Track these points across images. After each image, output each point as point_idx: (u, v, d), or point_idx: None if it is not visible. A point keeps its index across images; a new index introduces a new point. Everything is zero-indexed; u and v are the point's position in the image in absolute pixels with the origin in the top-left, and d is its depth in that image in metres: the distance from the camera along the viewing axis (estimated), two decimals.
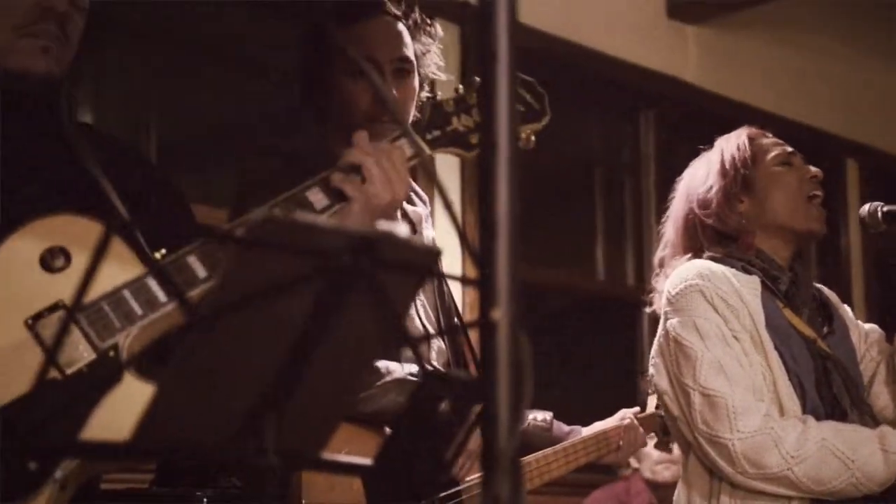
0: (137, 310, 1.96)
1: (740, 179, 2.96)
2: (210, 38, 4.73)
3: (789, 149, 3.05)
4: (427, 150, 2.23)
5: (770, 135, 3.09)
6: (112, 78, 4.40)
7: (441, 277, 2.72)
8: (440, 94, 2.33)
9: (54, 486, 1.89)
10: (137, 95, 4.46)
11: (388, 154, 2.18)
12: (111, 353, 1.94)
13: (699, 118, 5.87)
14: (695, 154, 3.14)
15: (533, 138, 2.37)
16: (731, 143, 3.01)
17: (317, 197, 2.13)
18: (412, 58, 2.71)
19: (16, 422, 1.88)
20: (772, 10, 5.97)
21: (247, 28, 4.79)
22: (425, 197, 2.90)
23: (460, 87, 2.31)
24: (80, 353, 1.93)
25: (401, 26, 2.72)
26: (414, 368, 2.59)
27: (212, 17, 4.71)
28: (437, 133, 2.24)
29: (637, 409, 3.47)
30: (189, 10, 4.62)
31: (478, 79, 2.24)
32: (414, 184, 2.88)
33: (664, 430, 3.43)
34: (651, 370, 2.98)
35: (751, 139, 3.02)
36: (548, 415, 3.30)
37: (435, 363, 2.65)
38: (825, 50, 6.55)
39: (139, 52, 4.51)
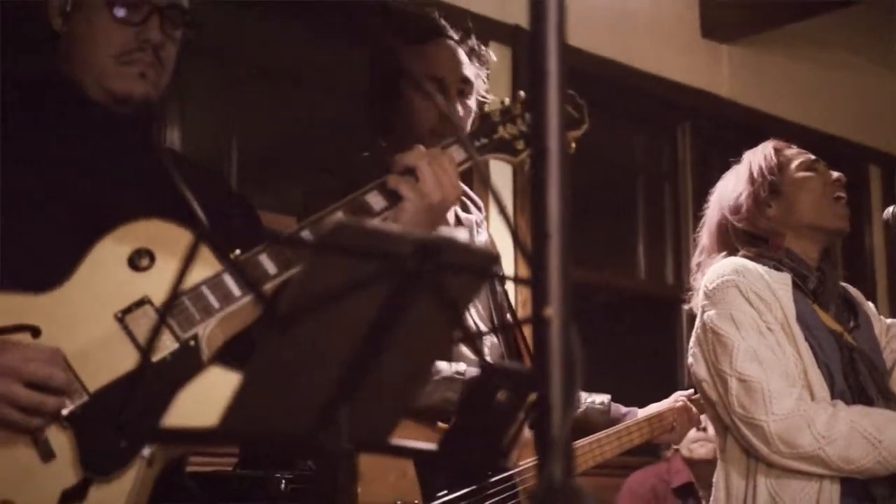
0: (215, 303, 1.99)
1: (768, 185, 2.95)
2: (283, 63, 4.76)
3: (813, 157, 3.04)
4: (476, 155, 2.23)
5: (794, 146, 3.08)
6: (197, 100, 4.43)
7: (499, 279, 2.72)
8: (487, 106, 2.31)
9: (142, 462, 1.92)
10: (219, 115, 4.49)
11: (439, 157, 2.18)
12: (192, 343, 1.97)
13: (732, 129, 5.83)
14: (728, 162, 3.13)
15: (574, 144, 2.37)
16: (758, 154, 3.01)
17: (375, 199, 2.14)
18: (472, 79, 2.72)
19: (109, 405, 1.91)
20: (798, 30, 5.93)
21: (316, 52, 4.82)
22: (480, 203, 2.90)
23: (506, 99, 2.32)
24: (164, 343, 1.95)
25: (461, 50, 2.74)
26: (461, 367, 2.59)
27: (284, 44, 4.74)
28: (485, 141, 2.25)
29: (690, 391, 3.45)
30: (264, 38, 4.66)
31: (522, 92, 2.26)
32: (469, 191, 2.88)
33: None
34: (690, 359, 2.97)
35: (776, 150, 3.01)
36: (606, 397, 3.29)
37: (487, 357, 2.64)
38: (848, 65, 6.49)
39: (221, 76, 4.54)
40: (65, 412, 1.90)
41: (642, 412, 3.36)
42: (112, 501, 1.89)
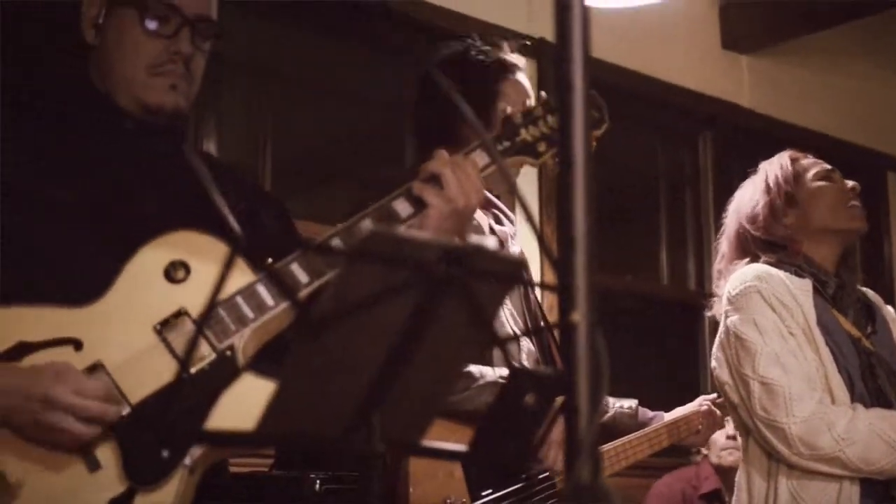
0: (249, 314, 1.98)
1: (784, 195, 2.95)
2: (316, 74, 4.78)
3: (828, 166, 3.02)
4: (500, 158, 2.20)
5: (810, 156, 3.07)
6: (233, 109, 4.45)
7: (527, 284, 2.71)
8: (509, 110, 2.28)
9: (184, 470, 1.91)
10: (254, 126, 4.51)
11: (462, 163, 2.16)
12: (228, 353, 1.96)
13: (752, 138, 5.81)
14: (748, 170, 3.12)
15: (595, 143, 2.36)
16: (774, 164, 3.00)
17: (402, 206, 2.12)
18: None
19: (151, 416, 1.91)
20: (816, 40, 5.90)
21: (348, 64, 4.83)
22: (513, 217, 2.90)
23: (526, 101, 2.30)
24: (202, 353, 1.95)
25: (525, 80, 2.76)
26: (505, 372, 2.59)
27: (318, 56, 4.76)
28: (507, 144, 2.21)
29: (714, 395, 3.44)
30: (298, 50, 4.67)
31: (543, 93, 2.25)
32: (501, 204, 2.87)
33: None
34: (713, 363, 2.97)
35: (792, 160, 3.01)
36: (633, 402, 3.29)
37: (525, 362, 2.64)
38: (866, 74, 6.46)
39: (256, 87, 4.56)
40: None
41: (668, 416, 3.36)
42: None
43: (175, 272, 1.98)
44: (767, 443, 2.78)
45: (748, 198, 3.01)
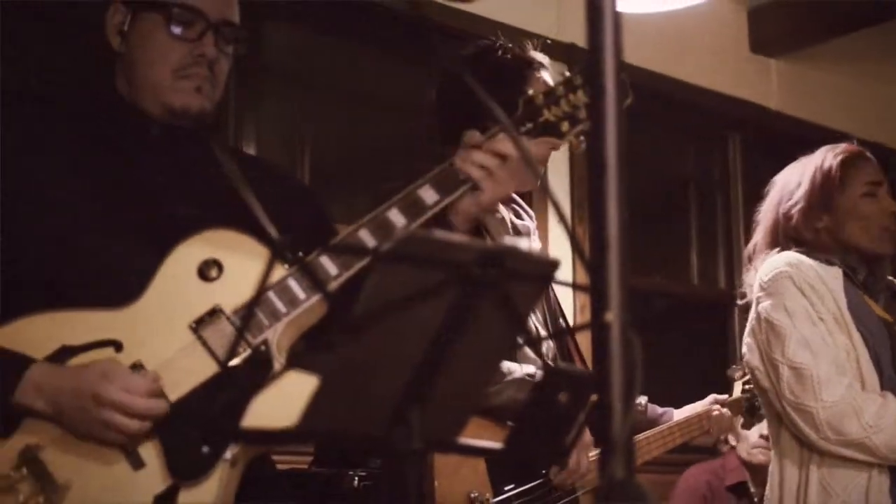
0: (282, 308, 1.98)
1: (824, 201, 2.92)
2: (352, 81, 4.80)
3: (878, 178, 2.98)
4: (521, 140, 2.15)
5: (870, 156, 3.02)
6: (271, 116, 4.48)
7: (561, 285, 2.70)
8: (531, 91, 2.24)
9: (225, 464, 1.93)
10: (292, 130, 4.53)
11: (489, 153, 2.14)
12: (262, 348, 1.97)
13: (781, 140, 5.78)
14: (777, 171, 3.10)
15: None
16: (827, 162, 2.96)
17: (428, 193, 2.09)
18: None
19: (190, 413, 1.92)
20: (843, 43, 5.86)
21: (383, 71, 4.85)
22: (531, 212, 2.88)
23: (549, 82, 2.27)
24: (237, 349, 1.96)
25: (549, 78, 2.75)
26: (530, 369, 2.58)
27: (353, 63, 4.78)
28: (530, 125, 2.16)
29: (725, 396, 3.44)
30: (334, 58, 4.69)
31: (565, 74, 2.21)
32: (520, 200, 2.86)
33: (749, 411, 3.41)
34: (744, 349, 2.96)
35: (846, 162, 2.96)
36: (642, 399, 3.29)
37: (549, 360, 2.64)
38: (893, 77, 6.41)
39: (294, 94, 4.58)
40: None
41: (678, 412, 3.36)
42: (201, 502, 1.91)
43: (208, 271, 1.99)
44: (796, 427, 2.77)
45: (791, 188, 2.98)
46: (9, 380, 1.88)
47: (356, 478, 2.42)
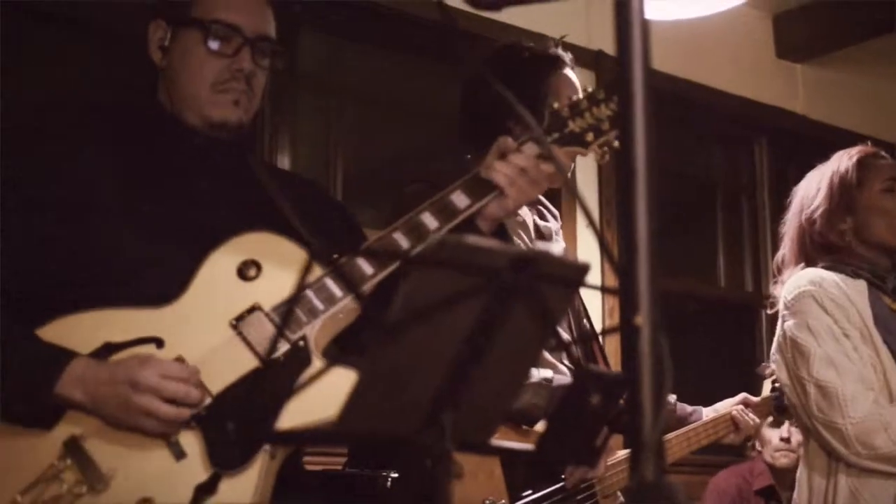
0: (319, 305, 2.02)
1: (845, 203, 2.91)
2: (382, 90, 4.81)
3: (895, 174, 2.97)
4: (550, 150, 2.20)
5: (885, 155, 3.02)
6: (305, 122, 4.50)
7: (585, 288, 2.70)
8: (555, 104, 2.27)
9: (265, 455, 1.96)
10: (325, 140, 4.55)
11: (515, 163, 2.16)
12: (301, 344, 2.00)
13: (806, 144, 5.75)
14: (804, 175, 3.09)
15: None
16: (842, 165, 2.95)
17: (459, 198, 2.13)
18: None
19: (231, 405, 1.95)
20: (868, 47, 5.82)
21: (412, 79, 4.86)
22: (556, 213, 2.88)
23: (572, 95, 2.30)
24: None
25: (574, 76, 2.76)
26: (547, 373, 2.57)
27: (384, 72, 4.79)
28: (556, 135, 2.21)
29: (753, 398, 3.42)
30: (366, 68, 4.71)
31: (588, 89, 2.24)
32: (546, 201, 2.86)
33: (778, 410, 3.39)
34: (772, 365, 2.95)
35: (862, 162, 2.96)
36: (672, 397, 3.27)
37: (566, 364, 2.63)
38: None
39: (327, 100, 4.60)
40: (191, 413, 1.94)
41: (707, 410, 3.33)
42: (241, 493, 1.94)
43: (247, 271, 2.03)
44: (826, 443, 2.76)
45: (812, 195, 2.97)
46: (52, 372, 1.92)
47: (389, 479, 2.42)
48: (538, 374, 2.54)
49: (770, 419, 3.73)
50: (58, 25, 3.91)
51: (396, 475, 2.40)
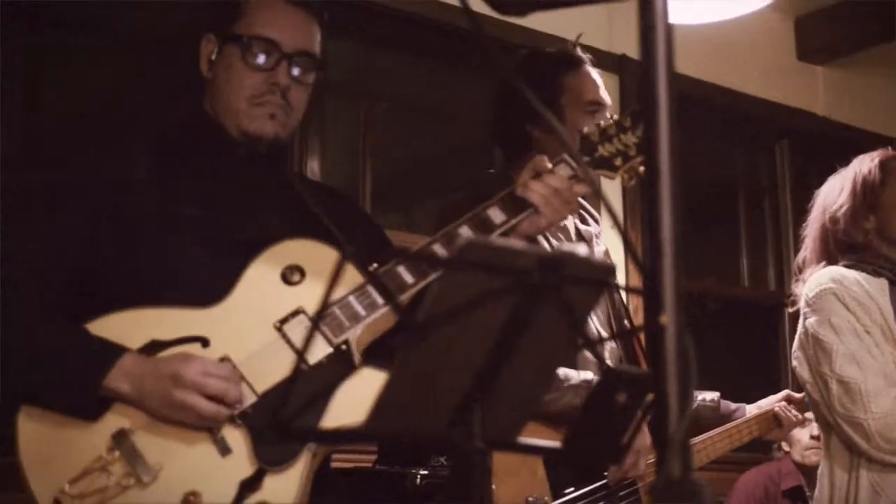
0: (361, 311, 2.06)
1: (868, 201, 2.91)
2: (411, 95, 4.82)
3: None
4: (584, 171, 2.24)
5: None
6: (335, 132, 4.51)
7: (617, 289, 2.72)
8: (586, 129, 2.32)
9: (308, 453, 1.99)
10: (354, 145, 4.56)
11: (549, 184, 2.19)
12: (343, 347, 2.04)
13: (828, 145, 5.72)
14: (825, 176, 3.09)
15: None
16: (865, 166, 2.96)
17: (495, 214, 2.17)
18: (607, 101, 2.75)
19: (275, 405, 1.97)
20: (890, 49, 5.77)
21: (441, 84, 4.86)
22: (597, 216, 2.90)
23: (602, 121, 2.33)
24: (319, 348, 2.03)
25: (597, 75, 2.77)
26: (588, 375, 2.57)
27: (412, 78, 4.80)
28: (586, 159, 2.26)
29: (796, 394, 3.40)
30: (394, 73, 4.72)
31: (615, 117, 2.27)
32: (587, 205, 2.88)
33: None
34: (794, 362, 2.94)
35: (883, 163, 2.96)
36: (715, 395, 3.26)
37: (608, 361, 2.63)
38: None
39: (355, 110, 4.61)
40: (237, 411, 1.98)
41: (751, 408, 3.32)
42: (285, 489, 1.97)
43: (291, 275, 2.07)
44: (848, 438, 2.75)
45: (834, 196, 2.97)
46: (102, 365, 1.95)
47: (419, 476, 2.43)
48: (579, 375, 2.55)
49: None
50: (102, 36, 3.94)
51: (426, 472, 2.40)
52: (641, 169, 2.11)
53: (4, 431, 1.97)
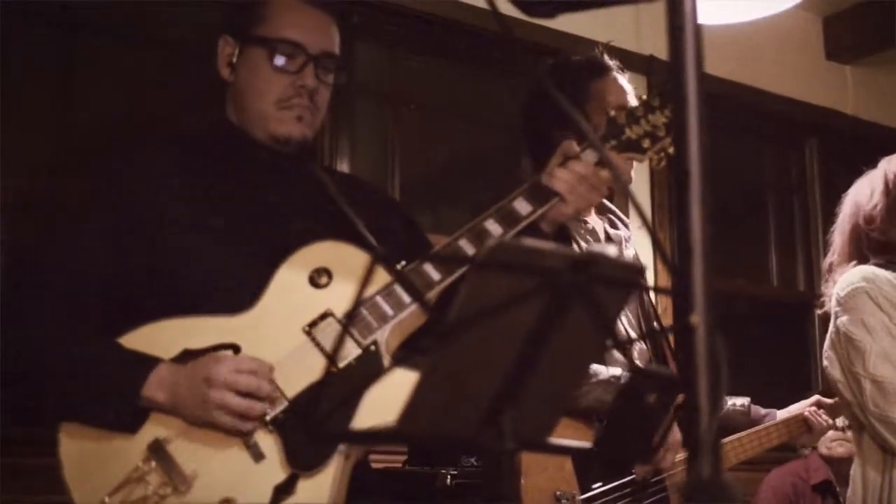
0: (389, 311, 2.05)
1: None
2: (438, 98, 4.83)
3: None
4: (608, 156, 2.21)
5: None
6: (364, 133, 4.52)
7: (646, 290, 2.71)
8: (612, 112, 2.29)
9: (340, 456, 1.99)
10: (383, 146, 4.57)
11: (575, 170, 2.18)
12: (372, 348, 2.03)
13: (857, 144, 5.69)
14: (854, 175, 3.07)
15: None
16: (893, 164, 2.94)
17: (521, 205, 2.15)
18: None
19: (306, 408, 1.97)
20: None
21: (467, 88, 4.87)
22: (626, 221, 2.89)
23: (610, 97, 2.31)
24: (348, 350, 2.02)
25: (625, 81, 2.76)
26: (616, 371, 2.57)
27: (440, 81, 4.81)
28: (613, 143, 2.23)
29: (826, 399, 3.38)
30: (422, 76, 4.72)
31: (643, 97, 2.25)
32: (616, 209, 2.87)
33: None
34: (825, 362, 2.92)
35: None
36: (746, 400, 3.25)
37: (637, 361, 2.63)
38: None
39: (384, 112, 4.62)
40: (269, 417, 1.98)
41: (781, 413, 3.30)
42: (318, 493, 1.97)
43: (319, 278, 2.06)
44: (881, 437, 2.73)
45: (866, 196, 2.95)
46: (139, 376, 1.97)
47: (449, 476, 2.43)
48: (607, 370, 2.54)
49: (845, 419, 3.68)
50: (125, 40, 3.97)
51: (455, 472, 2.40)
52: (671, 149, 2.09)
53: (45, 434, 2.00)
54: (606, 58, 2.81)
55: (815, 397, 3.35)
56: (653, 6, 1.30)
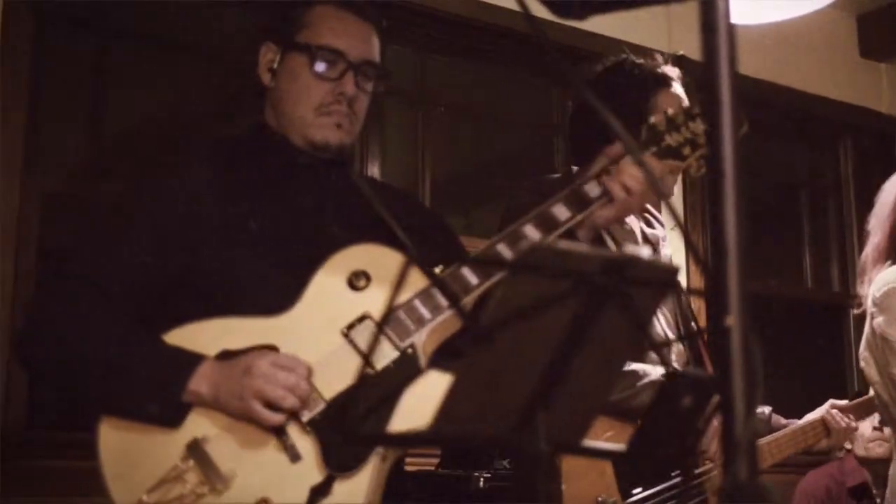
0: (426, 314, 2.06)
1: None
2: (469, 101, 4.83)
3: None
4: (645, 164, 2.22)
5: None
6: (394, 136, 4.54)
7: (681, 292, 2.70)
8: (653, 118, 2.29)
9: (377, 458, 2.00)
10: (413, 150, 4.58)
11: (623, 175, 2.18)
12: (409, 351, 2.05)
13: (892, 143, 5.66)
14: (889, 174, 3.05)
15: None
16: None
17: (560, 210, 2.16)
18: None
19: (343, 409, 1.99)
20: None
21: (498, 91, 4.87)
22: (662, 220, 2.88)
23: (669, 109, 2.30)
24: (385, 352, 2.03)
25: (682, 92, 2.74)
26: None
27: (470, 84, 4.82)
28: (654, 149, 2.25)
29: (843, 402, 3.36)
30: (451, 80, 4.73)
31: (684, 104, 2.25)
32: (652, 209, 2.86)
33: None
34: (861, 363, 2.90)
35: None
36: (766, 409, 3.23)
37: (675, 364, 2.62)
38: None
39: (414, 116, 4.63)
40: (306, 418, 1.99)
41: (800, 423, 3.28)
42: (354, 494, 1.98)
43: (357, 281, 2.08)
44: None
45: None
46: (186, 371, 2.00)
47: (482, 479, 2.43)
48: (656, 372, 2.53)
49: (874, 419, 3.64)
50: (160, 45, 4.00)
51: (489, 475, 2.41)
52: None
53: (86, 438, 2.01)
54: (668, 68, 2.78)
55: (829, 402, 3.33)
56: (683, 6, 1.30)
